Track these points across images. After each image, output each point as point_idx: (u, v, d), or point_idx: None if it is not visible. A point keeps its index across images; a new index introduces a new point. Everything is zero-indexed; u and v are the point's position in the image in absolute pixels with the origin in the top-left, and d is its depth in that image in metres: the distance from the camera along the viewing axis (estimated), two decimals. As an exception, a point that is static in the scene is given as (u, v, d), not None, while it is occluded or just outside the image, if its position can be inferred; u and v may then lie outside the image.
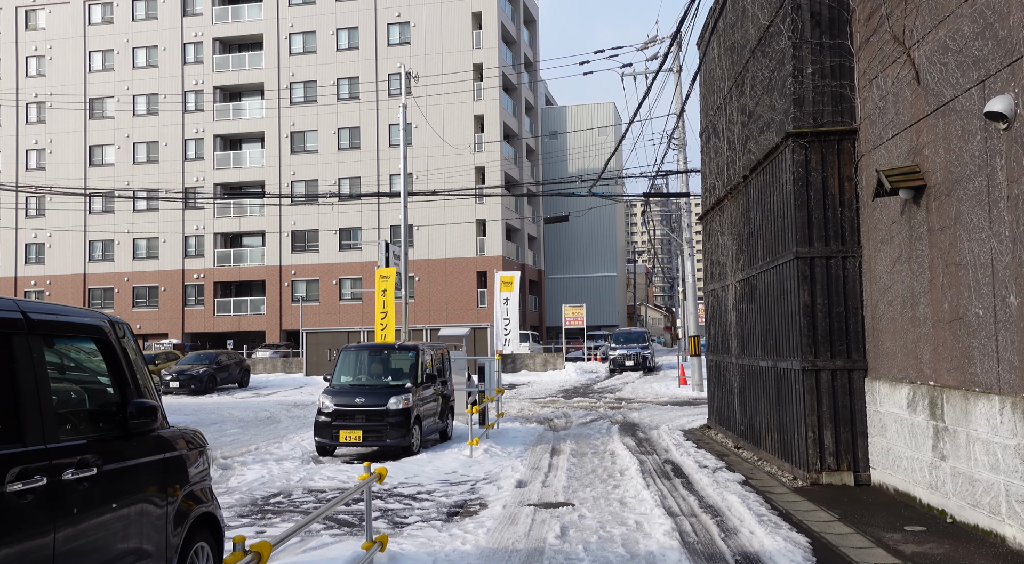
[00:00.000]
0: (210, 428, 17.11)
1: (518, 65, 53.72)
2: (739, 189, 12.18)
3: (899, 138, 7.94)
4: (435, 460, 11.78)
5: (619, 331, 37.97)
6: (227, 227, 50.47)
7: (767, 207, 10.51)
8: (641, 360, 33.57)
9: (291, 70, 49.51)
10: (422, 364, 13.25)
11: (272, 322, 49.33)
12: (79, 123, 51.56)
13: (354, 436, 12.16)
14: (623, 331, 37.62)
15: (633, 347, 34.11)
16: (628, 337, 35.67)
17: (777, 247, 10.06)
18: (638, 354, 33.64)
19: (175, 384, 28.90)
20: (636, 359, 33.55)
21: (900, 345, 8.05)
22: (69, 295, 51.24)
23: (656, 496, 8.60)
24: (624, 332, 36.93)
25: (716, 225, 14.19)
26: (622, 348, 34.14)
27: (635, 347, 34.11)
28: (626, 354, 33.66)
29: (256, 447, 13.43)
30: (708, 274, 15.20)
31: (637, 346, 34.19)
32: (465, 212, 46.95)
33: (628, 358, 33.62)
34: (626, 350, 33.89)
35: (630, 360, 33.55)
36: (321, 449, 12.54)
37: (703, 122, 15.38)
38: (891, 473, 8.31)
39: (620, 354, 33.79)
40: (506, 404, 21.50)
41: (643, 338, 35.54)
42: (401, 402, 12.34)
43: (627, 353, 33.67)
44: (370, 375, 13.27)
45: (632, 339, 35.41)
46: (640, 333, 36.20)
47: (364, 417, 12.28)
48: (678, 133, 23.22)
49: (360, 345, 13.59)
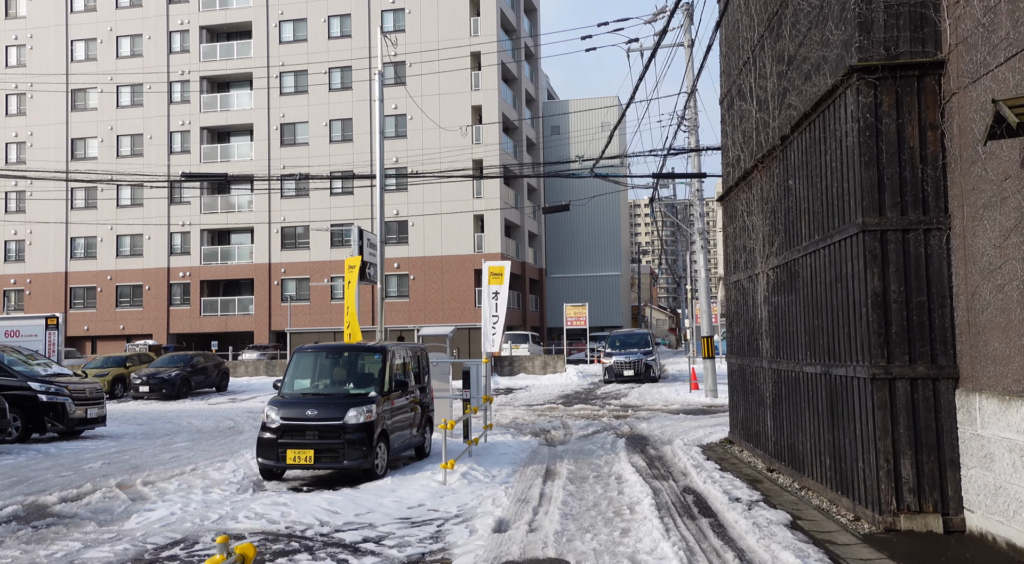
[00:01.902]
0: (157, 441, 14.96)
1: (518, 51, 51.51)
2: (773, 156, 9.97)
3: (1018, 61, 5.73)
4: (401, 486, 9.58)
5: (616, 333, 31.91)
6: (214, 223, 48.34)
7: (816, 171, 8.31)
8: (643, 368, 28.11)
9: (281, 59, 47.38)
10: (391, 368, 11.06)
11: (261, 322, 47.18)
12: (61, 115, 49.48)
13: (304, 456, 9.97)
14: (622, 333, 31.59)
15: (633, 352, 28.54)
16: (627, 340, 29.95)
17: (831, 220, 7.86)
18: (639, 361, 28.11)
19: (145, 388, 26.81)
20: (637, 367, 28.06)
21: (1017, 346, 5.84)
22: (50, 294, 49.17)
23: (681, 550, 6.38)
24: (623, 334, 31.10)
25: (741, 204, 11.98)
26: (619, 354, 28.53)
27: (635, 352, 28.53)
28: (624, 361, 28.04)
29: (193, 468, 11.25)
30: (730, 263, 13.00)
31: (638, 351, 28.66)
32: (462, 207, 44.76)
33: (627, 366, 28.00)
34: (624, 356, 28.25)
35: (629, 368, 27.98)
36: (266, 472, 10.35)
37: (724, 86, 13.18)
38: (1001, 520, 6.10)
39: (617, 361, 28.19)
40: (499, 412, 19.31)
41: (645, 341, 29.85)
42: (362, 415, 10.14)
43: (625, 360, 28.05)
44: (328, 382, 11.08)
45: (632, 342, 29.75)
46: (642, 335, 30.51)
47: (316, 433, 10.08)
48: (689, 114, 21.00)
49: (317, 346, 11.40)
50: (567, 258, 58.23)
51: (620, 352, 28.55)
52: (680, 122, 19.49)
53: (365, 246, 15.54)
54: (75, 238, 49.38)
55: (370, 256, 15.85)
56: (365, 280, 15.95)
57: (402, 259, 45.48)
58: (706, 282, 22.16)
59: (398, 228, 45.89)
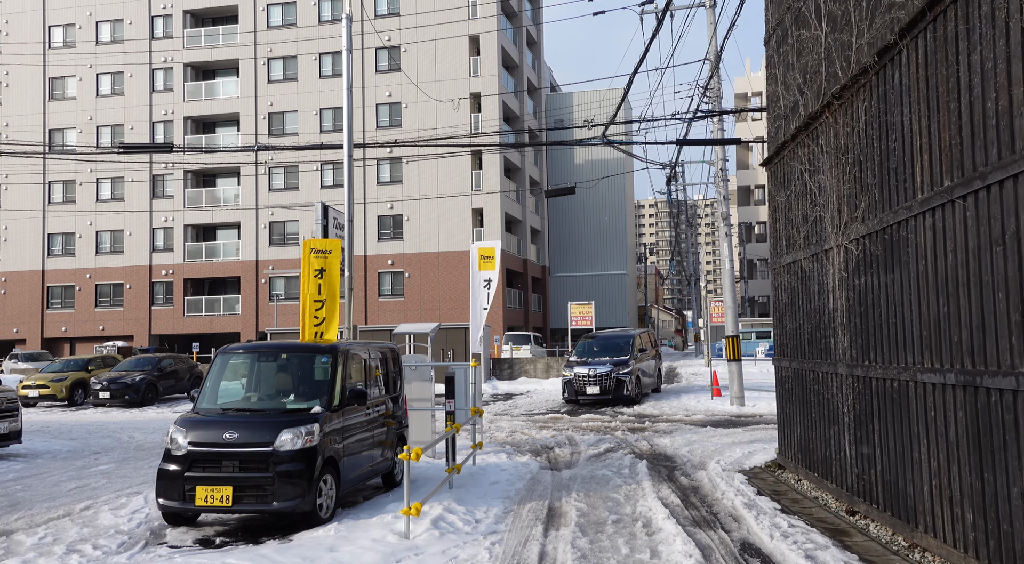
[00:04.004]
0: (77, 462, 12.33)
1: (519, 35, 48.85)
2: (860, 85, 7.31)
3: None
4: (346, 540, 6.89)
5: (593, 336, 23.12)
6: (199, 219, 45.74)
7: (949, 85, 5.65)
8: (612, 385, 20.05)
9: (269, 45, 44.78)
10: (344, 376, 8.40)
11: (248, 323, 44.53)
12: (38, 104, 46.92)
13: (219, 496, 7.31)
14: (600, 336, 22.91)
15: (602, 363, 20.45)
16: (604, 345, 21.72)
17: (981, 153, 5.20)
18: (608, 376, 20.06)
19: (105, 395, 24.17)
20: (604, 383, 20.03)
21: None
22: (26, 294, 46.61)
23: None
24: (600, 337, 22.57)
25: (799, 162, 9.31)
26: (582, 364, 20.67)
27: (605, 363, 20.41)
28: (588, 376, 20.18)
29: (86, 506, 8.60)
30: (781, 241, 10.32)
31: (609, 361, 20.50)
32: (460, 200, 42.10)
33: (591, 381, 20.14)
34: (588, 368, 20.36)
35: (593, 384, 20.10)
36: (171, 516, 7.69)
37: (772, 18, 10.51)
38: None
39: (579, 376, 20.36)
40: (494, 424, 16.65)
41: (625, 348, 21.30)
42: (300, 438, 7.49)
43: (589, 374, 20.19)
44: (260, 393, 8.42)
45: (608, 348, 21.47)
46: (623, 340, 21.78)
47: (237, 463, 7.42)
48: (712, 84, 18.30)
49: (249, 345, 8.71)
50: (571, 256, 55.53)
51: (585, 362, 20.76)
52: (704, 89, 16.81)
53: (331, 226, 12.89)
54: (52, 234, 46.83)
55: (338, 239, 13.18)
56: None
57: (396, 255, 42.85)
58: (731, 274, 19.48)
59: (392, 223, 43.26)
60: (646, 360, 22.03)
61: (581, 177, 50.57)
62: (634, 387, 20.46)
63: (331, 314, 12.02)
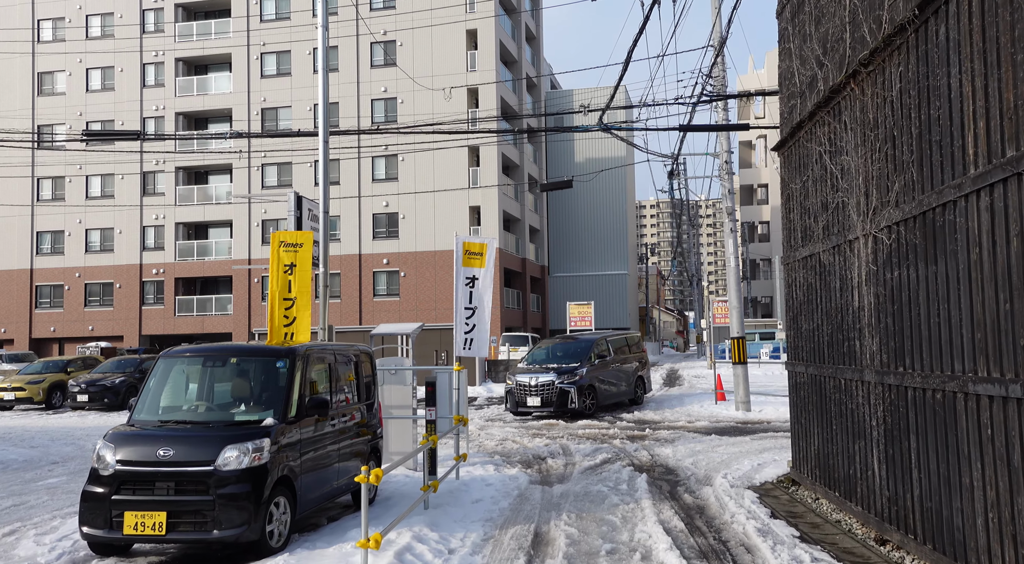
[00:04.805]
0: (27, 474, 11.36)
1: (517, 35, 47.87)
2: (895, 47, 6.31)
3: None
4: (296, 577, 5.91)
5: (552, 339, 21.04)
6: (190, 216, 44.75)
7: (1015, 36, 4.65)
8: (554, 397, 17.47)
9: (262, 39, 43.79)
10: (304, 382, 7.41)
11: (240, 323, 43.53)
12: (26, 100, 45.95)
13: (152, 523, 6.31)
14: (561, 340, 20.47)
15: (546, 371, 17.93)
16: (559, 350, 19.25)
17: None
18: (550, 386, 17.52)
19: (83, 398, 23.24)
20: (546, 395, 17.53)
21: None
22: (14, 293, 45.64)
23: None
24: (560, 343, 19.96)
25: (819, 143, 8.31)
26: (526, 373, 18.20)
27: (549, 371, 17.87)
28: (529, 385, 17.74)
29: (12, 530, 7.61)
30: (796, 233, 9.32)
31: (554, 370, 17.91)
32: (457, 199, 41.11)
33: (531, 392, 17.67)
34: (530, 377, 17.86)
35: (534, 395, 17.62)
36: (98, 546, 6.69)
37: (786, -13, 9.51)
38: None
39: (520, 384, 17.94)
40: (485, 431, 15.67)
41: (579, 354, 18.60)
42: (247, 455, 6.50)
43: (531, 384, 17.71)
44: (206, 403, 7.41)
45: (564, 354, 18.97)
46: (582, 344, 19.13)
47: (172, 485, 6.43)
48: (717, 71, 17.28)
49: (195, 348, 7.69)
50: (571, 256, 54.51)
51: (531, 369, 18.36)
52: (708, 75, 15.79)
53: (306, 218, 11.90)
54: (41, 232, 45.86)
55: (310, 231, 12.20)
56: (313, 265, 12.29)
57: (392, 254, 41.85)
58: (736, 271, 18.47)
59: (387, 221, 42.26)
60: (609, 368, 19.05)
61: (581, 174, 49.56)
62: (583, 399, 17.68)
63: (302, 313, 11.03)
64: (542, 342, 21.01)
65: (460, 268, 10.77)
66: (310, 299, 11.18)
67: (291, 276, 11.19)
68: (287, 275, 11.13)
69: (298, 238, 11.42)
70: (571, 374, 17.84)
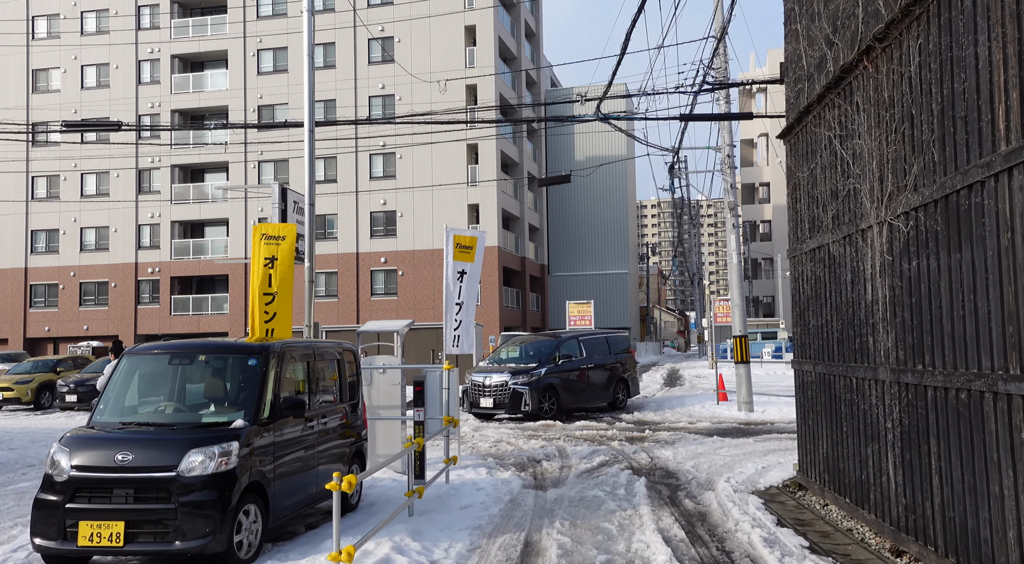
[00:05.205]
0: (1, 477, 10.86)
1: (516, 32, 47.38)
2: (913, 17, 5.82)
3: None
4: (262, 594, 5.44)
5: (521, 338, 19.87)
6: (186, 215, 44.30)
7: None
8: (508, 398, 16.66)
9: (259, 36, 43.34)
10: (278, 381, 6.93)
11: (236, 323, 43.06)
12: (20, 98, 45.49)
13: (109, 533, 5.83)
14: (528, 338, 19.60)
15: (502, 371, 17.13)
16: (524, 350, 18.39)
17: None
18: (503, 387, 16.73)
19: (72, 398, 22.75)
20: (499, 396, 16.74)
21: None
22: (8, 292, 45.19)
23: None
24: (527, 342, 18.95)
25: (828, 128, 7.82)
26: (481, 373, 17.46)
27: (504, 371, 17.06)
28: (483, 385, 17.01)
29: (-32, 537, 7.14)
30: (803, 224, 8.83)
31: (510, 370, 17.07)
32: (456, 197, 40.63)
33: (485, 393, 16.93)
34: (483, 376, 17.17)
35: (487, 396, 16.88)
36: (52, 559, 6.20)
37: (793, -35, 9.02)
38: None
39: (475, 384, 17.21)
40: (480, 431, 15.19)
41: (541, 353, 17.78)
42: (213, 460, 6.01)
43: (485, 384, 16.99)
44: (172, 404, 6.92)
45: (528, 353, 18.12)
46: (546, 344, 18.23)
47: (131, 492, 5.94)
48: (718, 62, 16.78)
49: (163, 345, 7.20)
50: (571, 255, 54.02)
51: (487, 370, 17.50)
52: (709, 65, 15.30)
53: (291, 211, 11.42)
54: (36, 231, 45.40)
55: (299, 226, 11.74)
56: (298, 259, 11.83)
57: (390, 253, 41.38)
58: (739, 268, 17.99)
59: (385, 219, 41.79)
60: (577, 369, 17.85)
61: (580, 169, 49.07)
62: (540, 402, 16.75)
63: (283, 309, 10.55)
64: (510, 341, 19.89)
65: (451, 262, 10.29)
66: (292, 294, 10.70)
67: (272, 270, 10.70)
68: (267, 269, 10.64)
69: (280, 231, 10.92)
70: (527, 374, 16.91)
